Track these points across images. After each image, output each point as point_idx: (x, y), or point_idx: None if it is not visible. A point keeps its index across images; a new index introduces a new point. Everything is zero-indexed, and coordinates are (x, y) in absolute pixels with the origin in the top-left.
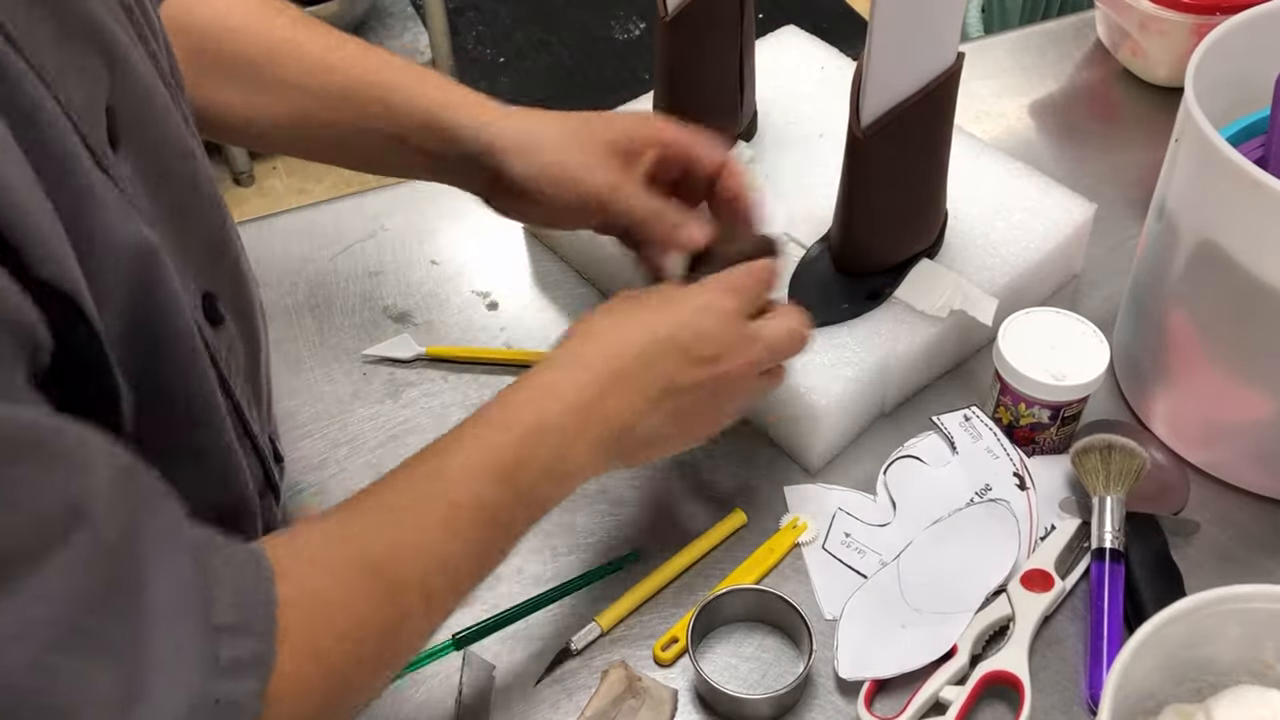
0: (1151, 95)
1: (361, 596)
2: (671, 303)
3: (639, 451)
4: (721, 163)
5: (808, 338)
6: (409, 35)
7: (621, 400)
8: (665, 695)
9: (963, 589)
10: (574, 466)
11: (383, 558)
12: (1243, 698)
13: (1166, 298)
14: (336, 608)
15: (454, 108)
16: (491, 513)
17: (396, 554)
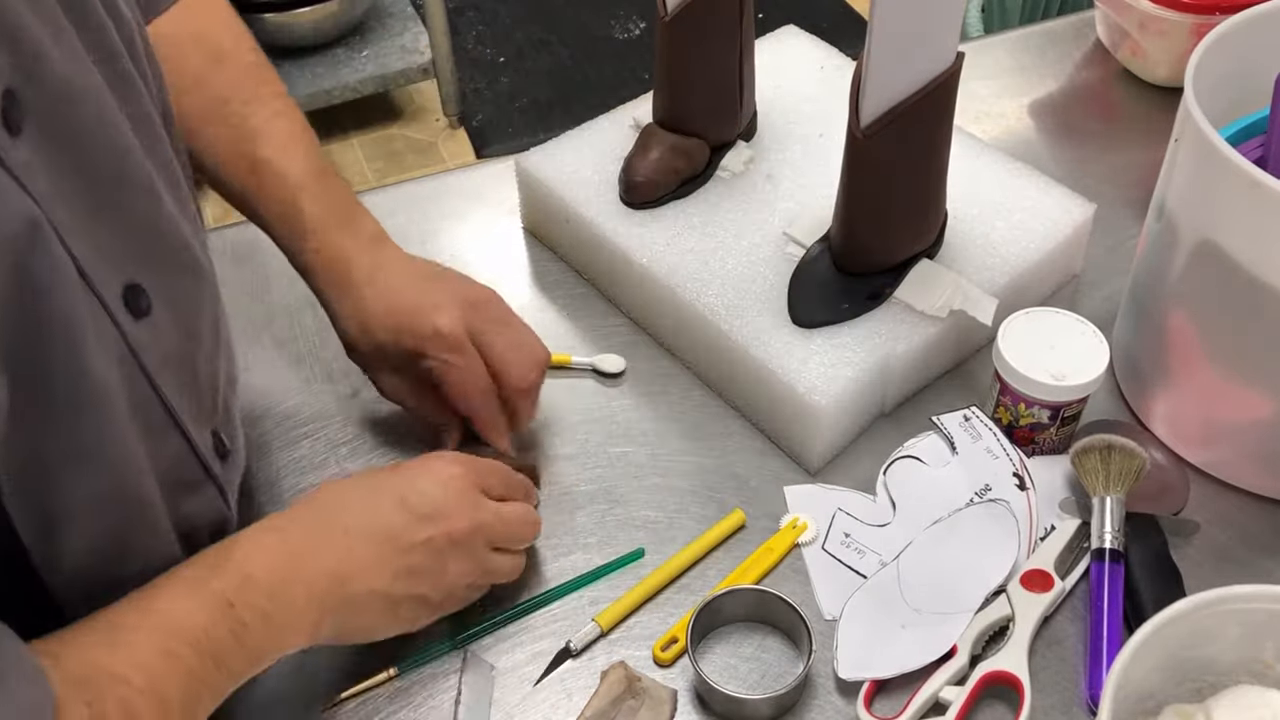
0: (1151, 95)
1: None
2: (400, 467)
3: (363, 613)
4: (471, 416)
5: (539, 521)
6: (409, 35)
7: (339, 549)
8: (665, 695)
9: (962, 589)
10: (291, 615)
11: (83, 674)
12: (1243, 698)
13: (1166, 298)
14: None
15: (309, 255)
16: (207, 640)
17: (98, 673)
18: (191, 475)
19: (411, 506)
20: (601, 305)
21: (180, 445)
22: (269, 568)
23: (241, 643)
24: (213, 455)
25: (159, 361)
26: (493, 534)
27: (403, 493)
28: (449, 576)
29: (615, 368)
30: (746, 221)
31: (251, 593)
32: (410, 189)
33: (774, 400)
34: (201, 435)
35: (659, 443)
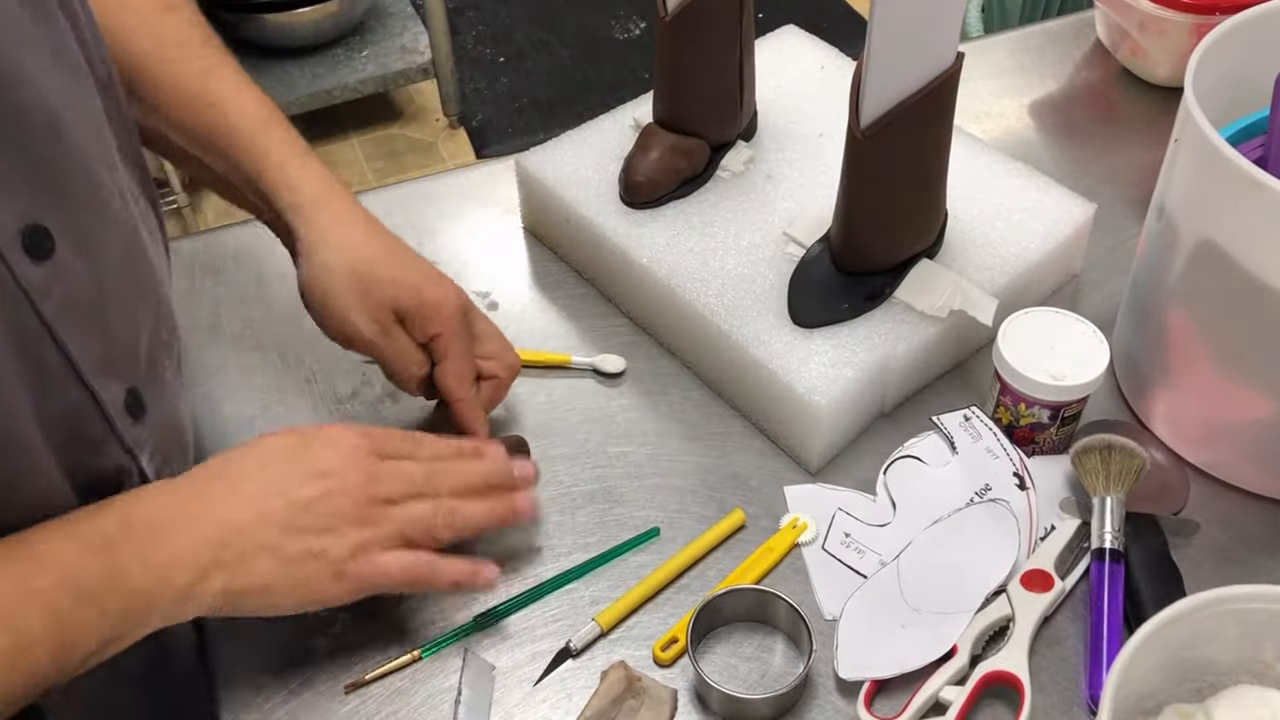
0: (1151, 95)
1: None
2: (301, 429)
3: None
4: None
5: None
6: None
7: (226, 501)
8: (665, 695)
9: (962, 589)
10: (169, 557)
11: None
12: (1243, 698)
13: (1166, 298)
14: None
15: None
16: (78, 576)
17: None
18: (91, 430)
19: (304, 465)
20: (601, 305)
21: (81, 397)
22: (153, 512)
23: (117, 583)
24: (122, 412)
25: (59, 306)
26: (391, 489)
27: (299, 454)
28: (343, 538)
29: (615, 368)
30: (746, 221)
31: (131, 535)
32: (410, 189)
33: (774, 400)
34: (109, 390)
35: (659, 443)
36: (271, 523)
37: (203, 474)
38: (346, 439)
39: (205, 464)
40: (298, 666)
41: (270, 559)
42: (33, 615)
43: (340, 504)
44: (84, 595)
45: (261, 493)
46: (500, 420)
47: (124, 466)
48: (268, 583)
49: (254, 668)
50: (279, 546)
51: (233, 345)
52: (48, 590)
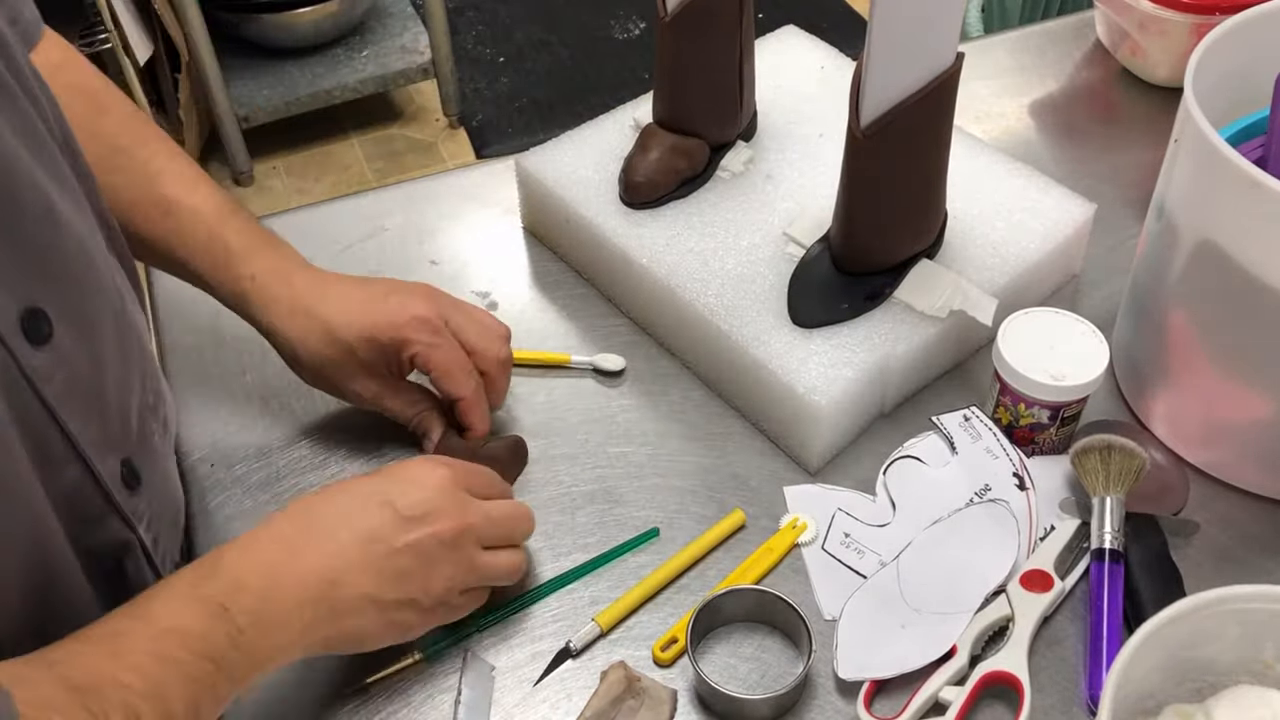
0: (1151, 95)
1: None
2: (386, 471)
3: (354, 617)
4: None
5: (531, 515)
6: (409, 35)
7: (326, 553)
8: (665, 695)
9: (962, 589)
10: (282, 618)
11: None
12: (1243, 698)
13: (1166, 298)
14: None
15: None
16: (204, 643)
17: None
18: (91, 507)
19: (398, 509)
20: (601, 305)
21: (80, 473)
22: (259, 573)
23: (237, 646)
24: (118, 484)
25: (62, 390)
26: (482, 533)
27: (389, 495)
28: (439, 580)
29: (615, 366)
30: (746, 221)
31: (244, 596)
32: (410, 189)
33: (774, 400)
34: (106, 464)
35: (659, 443)
36: (370, 573)
37: (298, 526)
38: (434, 475)
39: (297, 510)
40: (298, 667)
41: (369, 608)
42: (174, 687)
43: (434, 550)
44: (215, 662)
45: (359, 545)
46: (500, 420)
47: (125, 540)
48: (365, 631)
49: None
50: (377, 596)
51: (231, 347)
52: (186, 661)
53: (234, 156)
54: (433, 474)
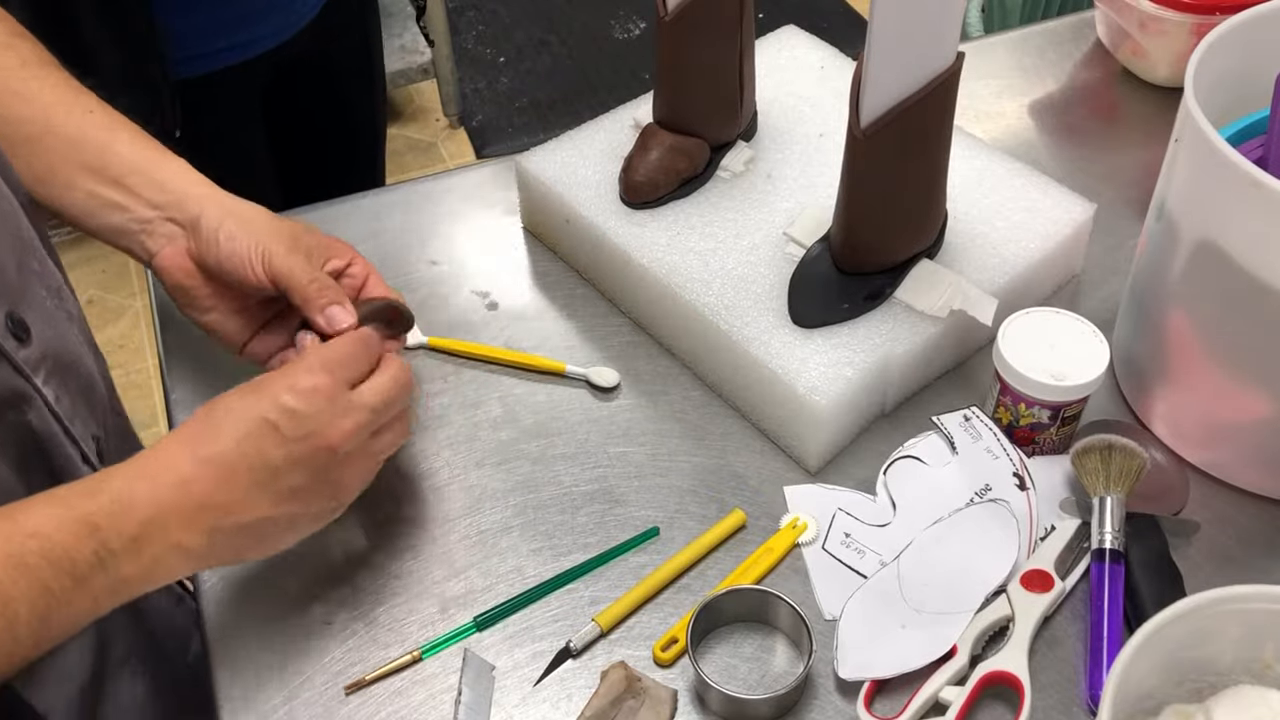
0: (1151, 95)
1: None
2: (263, 387)
3: (255, 538)
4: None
5: (409, 379)
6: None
7: (217, 485)
8: (665, 695)
9: (963, 589)
10: (163, 546)
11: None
12: (1243, 698)
13: (1166, 298)
14: None
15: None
16: (65, 557)
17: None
18: None
19: (281, 430)
20: (601, 305)
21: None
22: (145, 499)
23: (106, 567)
24: (5, 333)
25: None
26: (371, 424)
27: (269, 415)
28: (340, 484)
29: (609, 382)
30: (746, 221)
31: (122, 520)
32: (410, 189)
33: (774, 400)
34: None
35: (659, 443)
36: (264, 497)
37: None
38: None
39: (181, 434)
40: (298, 666)
41: (269, 526)
42: (22, 591)
43: (326, 459)
44: (75, 577)
45: (250, 472)
46: (500, 419)
47: (20, 390)
48: (272, 542)
49: (254, 668)
50: (273, 515)
51: None
52: (40, 568)
53: None
54: (312, 382)
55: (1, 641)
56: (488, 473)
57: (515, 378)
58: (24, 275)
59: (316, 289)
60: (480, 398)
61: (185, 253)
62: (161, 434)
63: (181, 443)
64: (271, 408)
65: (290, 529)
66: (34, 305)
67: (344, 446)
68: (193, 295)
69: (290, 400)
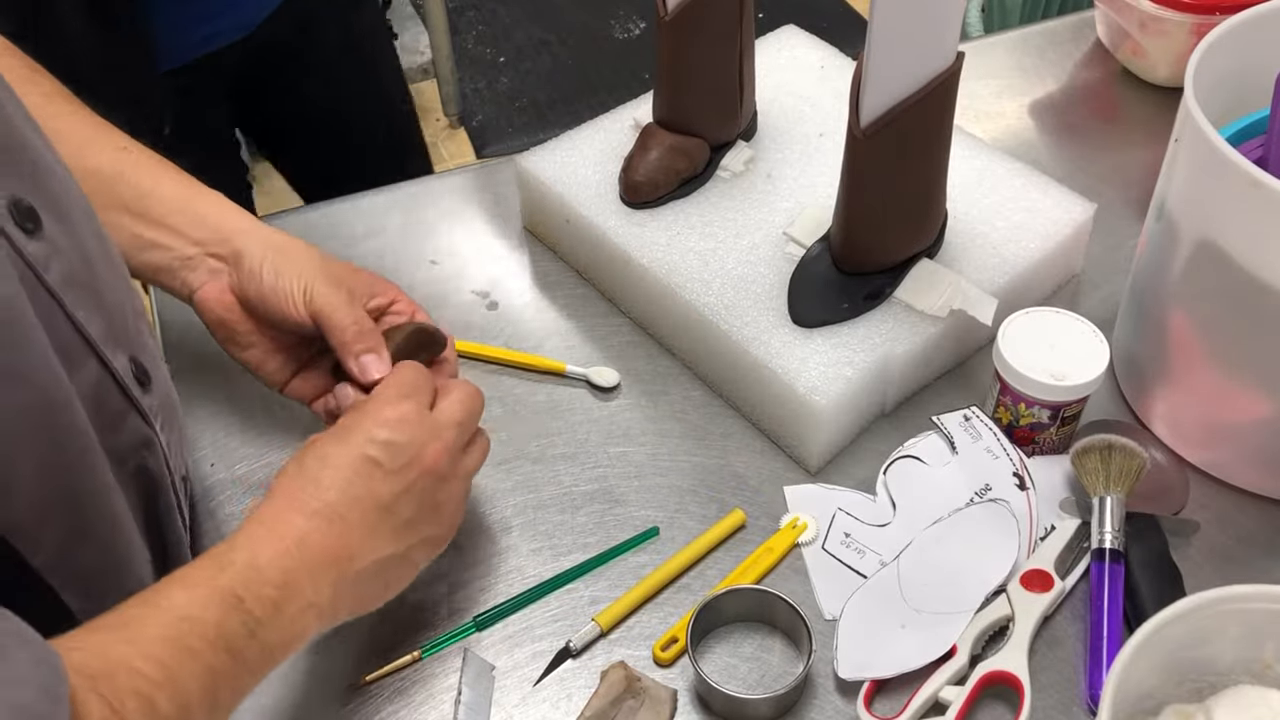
0: (1151, 95)
1: (89, 717)
2: (352, 428)
3: (379, 582)
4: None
5: (481, 395)
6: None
7: (335, 536)
8: (665, 695)
9: (962, 589)
10: (298, 607)
11: (98, 666)
12: (1243, 698)
13: (1166, 298)
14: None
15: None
16: (220, 633)
17: (113, 665)
18: (113, 403)
19: (386, 466)
20: (601, 305)
21: (98, 369)
22: (273, 564)
23: (255, 636)
24: (132, 381)
25: (61, 280)
26: (459, 441)
27: (373, 454)
28: (445, 506)
29: (608, 382)
30: (746, 221)
31: (259, 585)
32: (410, 189)
33: (774, 400)
34: (119, 360)
35: (659, 443)
36: (381, 536)
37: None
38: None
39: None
40: (298, 667)
41: (389, 565)
42: (189, 676)
43: (431, 485)
44: (233, 652)
45: (363, 513)
46: (500, 419)
47: (147, 438)
48: (391, 584)
49: None
50: (394, 553)
51: None
52: (202, 651)
53: None
54: (399, 412)
55: None
56: (487, 473)
57: (515, 378)
58: (136, 319)
59: (355, 333)
60: None
61: (227, 288)
62: None
63: (288, 501)
64: (368, 444)
65: (409, 564)
66: (146, 350)
67: (440, 467)
68: (233, 330)
69: (384, 433)
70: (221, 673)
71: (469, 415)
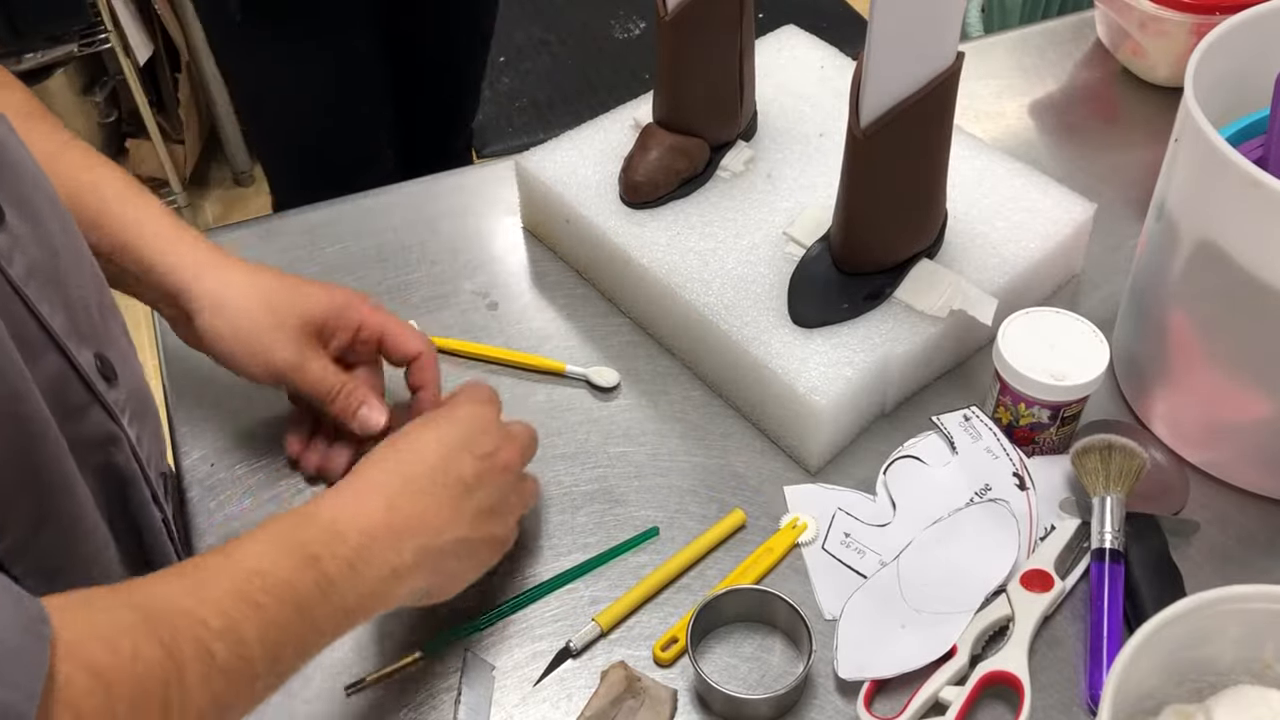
0: (1151, 95)
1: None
2: (443, 416)
3: (456, 561)
4: (414, 355)
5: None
6: None
7: (421, 505)
8: (665, 695)
9: (962, 589)
10: (381, 569)
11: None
12: (1243, 698)
13: (1166, 298)
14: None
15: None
16: (290, 590)
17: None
18: (75, 397)
19: (474, 454)
20: (601, 305)
21: (60, 363)
22: (357, 526)
23: (328, 597)
24: (96, 375)
25: (23, 272)
26: (525, 456)
27: (466, 442)
28: (512, 510)
29: (608, 382)
30: (746, 221)
31: (340, 546)
32: (410, 189)
33: (774, 400)
34: (82, 354)
35: (659, 443)
36: (462, 517)
37: (387, 479)
38: (488, 413)
39: (382, 465)
40: None
41: (463, 549)
42: (251, 629)
43: (506, 483)
44: (301, 609)
45: (452, 493)
46: None
47: (111, 432)
48: (459, 572)
49: None
50: (469, 536)
51: None
52: (268, 605)
53: (234, 156)
54: (487, 413)
55: (240, 677)
56: None
57: (515, 378)
58: (104, 315)
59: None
60: None
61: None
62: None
63: (378, 470)
64: (457, 430)
65: (477, 558)
66: (114, 345)
67: (515, 467)
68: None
69: (472, 424)
70: (288, 629)
71: (532, 440)
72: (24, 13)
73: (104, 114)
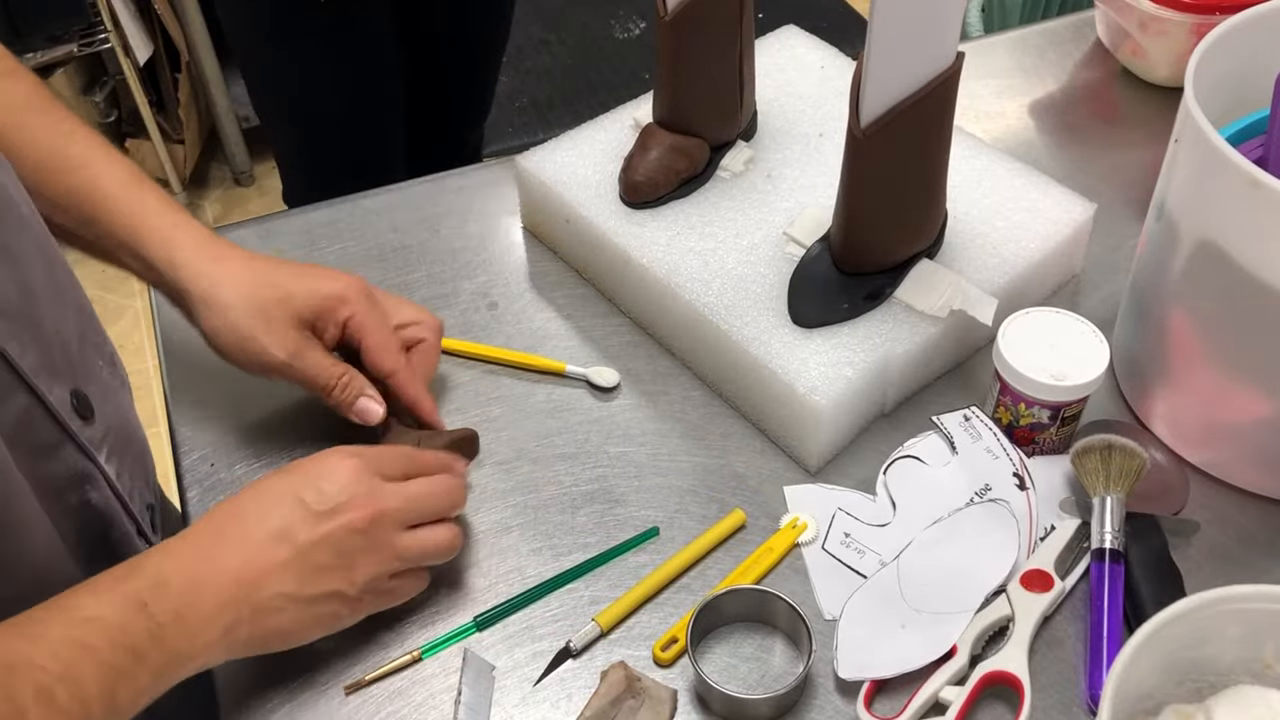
0: (1151, 95)
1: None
2: (297, 466)
3: (277, 616)
4: (387, 374)
5: (457, 488)
6: None
7: (244, 560)
8: (665, 695)
9: (962, 589)
10: (200, 620)
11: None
12: (1243, 698)
13: (1166, 298)
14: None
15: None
16: (123, 635)
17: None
18: (44, 435)
19: (309, 505)
20: (601, 305)
21: (28, 401)
22: (179, 574)
23: (157, 641)
24: (71, 414)
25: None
26: (400, 515)
27: (299, 492)
28: (361, 569)
29: (609, 382)
30: (746, 221)
31: (163, 595)
32: (410, 189)
33: (774, 400)
34: (54, 392)
35: (659, 443)
36: (287, 572)
37: (216, 528)
38: (343, 466)
39: (213, 513)
40: (298, 667)
41: (291, 606)
42: (88, 672)
43: (350, 540)
44: (133, 654)
45: (274, 545)
46: (500, 419)
47: (84, 470)
48: (289, 628)
49: (254, 668)
50: (298, 594)
51: None
52: (102, 649)
53: (234, 156)
54: (341, 465)
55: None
56: (487, 473)
57: (515, 378)
58: (84, 349)
59: (340, 390)
60: (480, 398)
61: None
62: (161, 434)
63: (211, 521)
64: (301, 483)
65: (313, 616)
66: (94, 379)
67: (361, 527)
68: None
69: (318, 477)
70: (123, 672)
71: (430, 498)
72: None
73: (104, 114)
